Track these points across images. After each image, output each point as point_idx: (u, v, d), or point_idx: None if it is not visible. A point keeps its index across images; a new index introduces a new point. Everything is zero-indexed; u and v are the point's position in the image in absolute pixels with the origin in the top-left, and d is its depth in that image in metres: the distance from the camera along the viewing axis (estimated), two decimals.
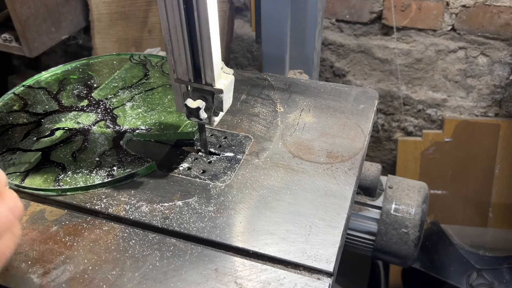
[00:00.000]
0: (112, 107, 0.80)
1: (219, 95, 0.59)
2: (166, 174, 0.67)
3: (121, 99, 0.82)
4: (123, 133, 0.74)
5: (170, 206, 0.61)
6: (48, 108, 0.80)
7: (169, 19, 0.54)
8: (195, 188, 0.64)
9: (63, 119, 0.78)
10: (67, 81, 0.87)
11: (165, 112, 0.78)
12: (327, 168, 0.67)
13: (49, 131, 0.75)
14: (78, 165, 0.68)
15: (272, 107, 0.81)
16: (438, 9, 1.34)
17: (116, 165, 0.68)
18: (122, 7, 1.46)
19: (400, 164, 1.53)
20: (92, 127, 0.76)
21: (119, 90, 0.85)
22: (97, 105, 0.81)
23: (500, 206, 1.46)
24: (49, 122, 0.77)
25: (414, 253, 0.92)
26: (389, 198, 0.93)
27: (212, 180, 0.65)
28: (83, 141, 0.73)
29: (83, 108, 0.80)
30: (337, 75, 1.58)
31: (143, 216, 0.60)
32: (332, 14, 1.46)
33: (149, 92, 0.84)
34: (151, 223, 0.59)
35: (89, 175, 0.66)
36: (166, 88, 0.85)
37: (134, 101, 0.82)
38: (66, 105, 0.81)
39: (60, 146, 0.72)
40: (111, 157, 0.69)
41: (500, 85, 1.42)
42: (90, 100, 0.82)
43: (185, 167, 0.68)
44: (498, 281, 1.16)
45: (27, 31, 1.34)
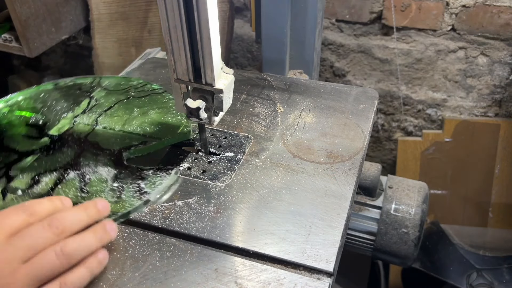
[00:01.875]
0: (83, 135, 0.72)
1: (219, 95, 0.59)
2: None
3: (84, 125, 0.74)
4: (118, 153, 0.68)
5: (170, 206, 0.61)
6: (3, 158, 0.69)
7: (169, 19, 0.54)
8: (195, 188, 0.64)
9: (35, 165, 0.67)
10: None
11: (146, 119, 0.75)
12: (327, 168, 0.67)
13: (31, 180, 0.64)
14: (96, 197, 0.62)
15: (272, 107, 0.81)
16: (438, 9, 1.34)
17: (139, 182, 0.64)
18: (122, 7, 1.46)
19: (400, 164, 1.53)
20: (79, 159, 0.68)
21: (75, 118, 0.76)
22: (64, 140, 0.72)
23: (500, 206, 1.46)
24: (22, 171, 0.66)
25: (414, 253, 0.92)
26: (389, 198, 0.93)
27: (212, 180, 0.65)
28: (81, 177, 0.65)
29: (50, 147, 0.70)
30: (337, 75, 1.58)
31: (143, 216, 0.60)
32: (332, 14, 1.46)
33: (110, 111, 0.77)
34: (151, 223, 0.59)
35: (121, 201, 0.61)
36: (123, 102, 0.79)
37: (102, 123, 0.74)
38: (23, 150, 0.69)
39: (58, 188, 0.63)
40: (126, 177, 0.65)
41: (500, 85, 1.42)
42: (51, 137, 0.72)
43: (185, 167, 0.68)
44: (498, 281, 1.16)
45: (27, 31, 1.33)
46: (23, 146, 0.71)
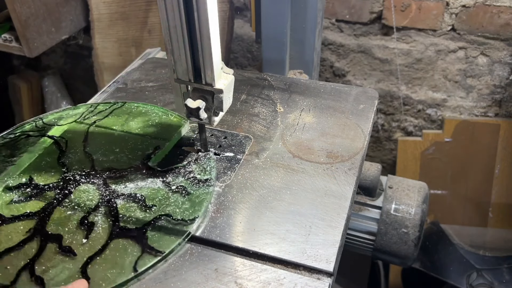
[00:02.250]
0: (98, 171, 0.65)
1: (219, 95, 0.59)
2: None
3: (75, 162, 0.67)
4: (142, 166, 0.67)
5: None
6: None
7: (169, 19, 0.54)
8: None
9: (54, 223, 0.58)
10: None
11: (134, 127, 0.75)
12: (327, 168, 0.67)
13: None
14: (168, 205, 0.61)
15: (272, 107, 0.81)
16: (438, 9, 1.34)
17: (192, 175, 0.65)
18: (122, 7, 1.46)
19: (400, 164, 1.53)
20: (110, 189, 0.63)
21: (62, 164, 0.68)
22: (63, 184, 0.63)
23: (500, 206, 1.46)
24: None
25: (414, 253, 0.91)
26: (389, 198, 0.93)
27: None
28: (133, 199, 0.61)
29: (55, 200, 0.61)
30: (337, 75, 1.58)
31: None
32: (332, 14, 1.46)
33: (94, 139, 0.73)
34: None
35: (193, 196, 0.62)
36: (98, 128, 0.75)
37: (98, 154, 0.69)
38: (13, 215, 0.59)
39: (125, 218, 0.59)
40: (173, 177, 0.65)
41: (500, 85, 1.42)
42: (40, 188, 0.63)
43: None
44: (498, 281, 1.16)
45: (27, 31, 1.33)
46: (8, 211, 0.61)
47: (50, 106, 1.86)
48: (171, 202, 0.61)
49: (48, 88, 1.86)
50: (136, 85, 0.89)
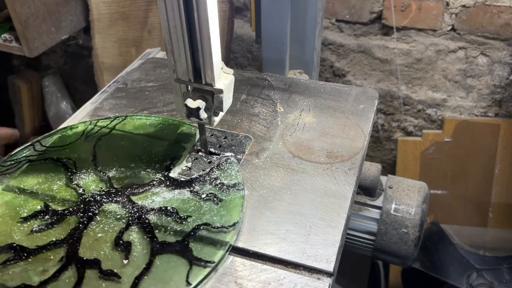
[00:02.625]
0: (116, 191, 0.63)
1: (219, 95, 0.59)
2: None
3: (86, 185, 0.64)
4: (165, 178, 0.65)
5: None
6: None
7: (169, 19, 0.54)
8: None
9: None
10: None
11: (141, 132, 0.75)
12: (327, 168, 0.67)
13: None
14: (201, 215, 0.60)
15: (272, 107, 0.81)
16: (438, 9, 1.34)
17: (217, 181, 0.64)
18: (122, 7, 1.46)
19: (400, 164, 1.53)
20: (137, 205, 0.61)
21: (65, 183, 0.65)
22: (84, 207, 0.60)
23: (500, 206, 1.46)
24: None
25: (414, 253, 0.91)
26: (389, 198, 0.93)
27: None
28: (166, 213, 0.60)
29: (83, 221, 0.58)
30: (337, 75, 1.58)
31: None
32: (332, 14, 1.46)
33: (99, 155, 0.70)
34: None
35: (226, 202, 0.61)
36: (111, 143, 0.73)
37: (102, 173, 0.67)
38: (33, 246, 0.56)
39: (162, 233, 0.57)
40: (200, 186, 0.64)
41: (500, 85, 1.42)
42: (60, 213, 0.60)
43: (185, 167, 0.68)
44: (498, 281, 1.16)
45: (27, 31, 1.33)
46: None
47: (50, 106, 1.86)
48: (205, 211, 0.60)
49: (48, 88, 1.86)
50: (136, 85, 0.89)
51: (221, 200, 0.62)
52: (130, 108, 0.82)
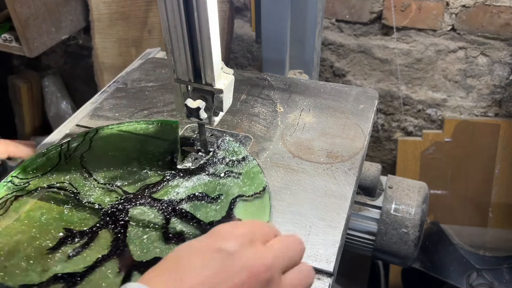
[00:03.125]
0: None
1: (219, 95, 0.59)
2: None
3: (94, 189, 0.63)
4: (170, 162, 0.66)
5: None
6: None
7: (169, 19, 0.54)
8: None
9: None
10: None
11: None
12: (327, 168, 0.67)
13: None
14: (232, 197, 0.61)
15: (272, 107, 0.81)
16: (438, 9, 1.34)
17: (228, 161, 0.67)
18: (122, 7, 1.46)
19: (400, 164, 1.53)
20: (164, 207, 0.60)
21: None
22: (109, 219, 0.59)
23: (500, 206, 1.46)
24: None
25: (414, 253, 0.91)
26: (389, 198, 0.93)
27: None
28: (196, 199, 0.61)
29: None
30: (337, 75, 1.58)
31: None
32: (332, 14, 1.46)
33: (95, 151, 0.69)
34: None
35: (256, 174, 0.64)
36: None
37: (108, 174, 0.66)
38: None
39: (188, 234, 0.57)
40: (215, 168, 0.66)
41: (500, 85, 1.42)
42: (88, 232, 0.57)
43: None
44: (498, 281, 1.16)
45: (27, 31, 1.33)
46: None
47: (50, 106, 1.87)
48: (231, 186, 0.62)
49: (48, 88, 1.86)
50: (136, 85, 0.89)
51: (240, 174, 0.64)
52: (130, 108, 0.82)
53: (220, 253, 0.38)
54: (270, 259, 0.39)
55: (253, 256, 0.39)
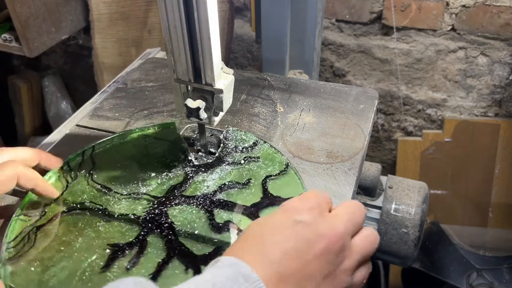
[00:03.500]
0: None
1: (219, 95, 0.59)
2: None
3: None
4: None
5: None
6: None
7: (169, 19, 0.54)
8: None
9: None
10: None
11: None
12: (327, 168, 0.67)
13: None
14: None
15: (272, 107, 0.81)
16: (438, 9, 1.34)
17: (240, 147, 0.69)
18: (122, 7, 1.46)
19: (400, 164, 1.53)
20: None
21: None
22: (151, 224, 0.57)
23: (500, 206, 1.46)
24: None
25: (414, 253, 0.91)
26: (389, 198, 0.93)
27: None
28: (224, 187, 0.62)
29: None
30: (337, 75, 1.58)
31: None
32: (332, 14, 1.46)
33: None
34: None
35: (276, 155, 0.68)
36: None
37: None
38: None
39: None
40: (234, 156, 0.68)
41: (500, 85, 1.42)
42: (134, 242, 0.56)
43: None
44: (498, 281, 1.16)
45: (27, 31, 1.34)
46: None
47: (50, 106, 1.87)
48: (256, 170, 0.64)
49: (48, 88, 1.86)
50: (136, 85, 0.89)
51: (258, 157, 0.66)
52: (130, 108, 0.82)
53: (298, 225, 0.41)
54: (341, 227, 0.43)
55: (327, 226, 0.42)
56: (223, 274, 0.37)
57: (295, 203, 0.44)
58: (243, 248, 0.41)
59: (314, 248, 0.40)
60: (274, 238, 0.41)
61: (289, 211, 0.43)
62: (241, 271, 0.37)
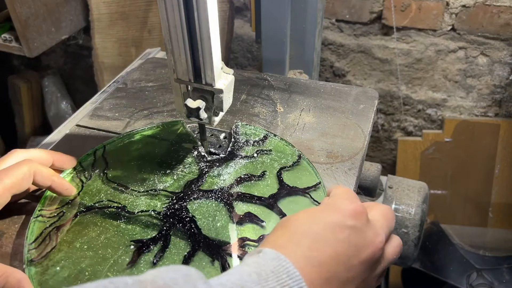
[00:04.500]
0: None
1: (219, 95, 0.59)
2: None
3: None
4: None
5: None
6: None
7: (169, 19, 0.54)
8: None
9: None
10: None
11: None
12: (327, 168, 0.67)
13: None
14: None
15: (272, 107, 0.81)
16: (438, 9, 1.34)
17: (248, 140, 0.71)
18: (122, 7, 1.46)
19: (400, 164, 1.53)
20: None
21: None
22: (173, 220, 0.58)
23: (500, 206, 1.46)
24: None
25: (414, 253, 0.92)
26: (389, 198, 0.93)
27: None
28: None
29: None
30: (337, 75, 1.58)
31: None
32: (332, 14, 1.46)
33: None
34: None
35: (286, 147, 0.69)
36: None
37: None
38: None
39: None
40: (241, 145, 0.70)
41: (500, 85, 1.42)
42: (158, 237, 0.56)
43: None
44: (498, 281, 1.16)
45: (27, 31, 1.34)
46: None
47: (50, 106, 1.87)
48: (269, 162, 0.66)
49: (48, 88, 1.86)
50: (136, 85, 0.89)
51: (270, 150, 0.67)
52: (130, 108, 0.82)
53: (350, 229, 0.41)
54: (383, 234, 0.43)
55: (373, 233, 0.43)
56: (267, 266, 0.37)
57: (344, 204, 0.44)
58: (290, 242, 0.40)
59: (361, 254, 0.41)
60: (324, 237, 0.40)
61: (340, 212, 0.43)
62: (285, 267, 0.37)
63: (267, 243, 0.41)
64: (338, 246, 0.40)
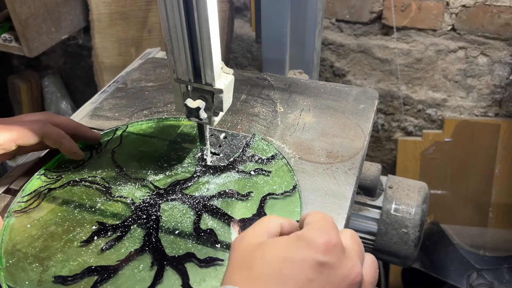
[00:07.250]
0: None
1: (219, 95, 0.59)
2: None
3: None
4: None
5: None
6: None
7: (169, 19, 0.54)
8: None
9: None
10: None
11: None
12: (327, 168, 0.67)
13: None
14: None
15: (272, 107, 0.81)
16: (438, 9, 1.34)
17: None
18: (122, 7, 1.46)
19: (400, 164, 1.53)
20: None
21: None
22: (141, 213, 0.59)
23: (500, 206, 1.46)
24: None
25: (414, 253, 0.92)
26: (389, 198, 0.93)
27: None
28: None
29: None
30: (337, 75, 1.58)
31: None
32: (332, 14, 1.46)
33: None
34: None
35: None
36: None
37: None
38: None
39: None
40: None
41: (500, 85, 1.42)
42: (121, 226, 0.58)
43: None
44: (498, 281, 1.16)
45: (27, 31, 1.34)
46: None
47: (50, 106, 1.87)
48: (261, 184, 0.63)
49: (48, 88, 1.86)
50: (136, 85, 0.89)
51: (269, 172, 0.65)
52: (130, 108, 0.82)
53: (322, 267, 0.38)
54: (358, 263, 0.41)
55: (349, 264, 0.40)
56: None
57: (317, 236, 0.40)
58: (249, 277, 0.38)
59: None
60: (296, 280, 0.37)
61: (312, 247, 0.39)
62: None
63: (230, 281, 0.38)
64: (311, 284, 0.37)
